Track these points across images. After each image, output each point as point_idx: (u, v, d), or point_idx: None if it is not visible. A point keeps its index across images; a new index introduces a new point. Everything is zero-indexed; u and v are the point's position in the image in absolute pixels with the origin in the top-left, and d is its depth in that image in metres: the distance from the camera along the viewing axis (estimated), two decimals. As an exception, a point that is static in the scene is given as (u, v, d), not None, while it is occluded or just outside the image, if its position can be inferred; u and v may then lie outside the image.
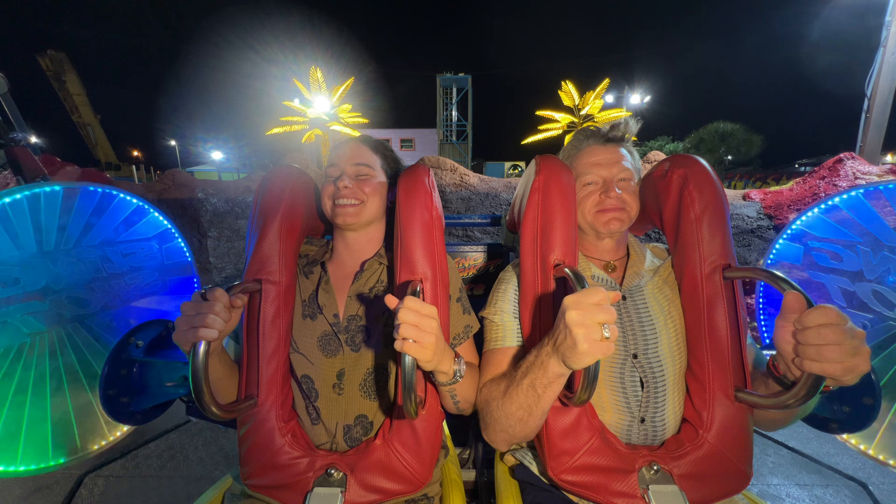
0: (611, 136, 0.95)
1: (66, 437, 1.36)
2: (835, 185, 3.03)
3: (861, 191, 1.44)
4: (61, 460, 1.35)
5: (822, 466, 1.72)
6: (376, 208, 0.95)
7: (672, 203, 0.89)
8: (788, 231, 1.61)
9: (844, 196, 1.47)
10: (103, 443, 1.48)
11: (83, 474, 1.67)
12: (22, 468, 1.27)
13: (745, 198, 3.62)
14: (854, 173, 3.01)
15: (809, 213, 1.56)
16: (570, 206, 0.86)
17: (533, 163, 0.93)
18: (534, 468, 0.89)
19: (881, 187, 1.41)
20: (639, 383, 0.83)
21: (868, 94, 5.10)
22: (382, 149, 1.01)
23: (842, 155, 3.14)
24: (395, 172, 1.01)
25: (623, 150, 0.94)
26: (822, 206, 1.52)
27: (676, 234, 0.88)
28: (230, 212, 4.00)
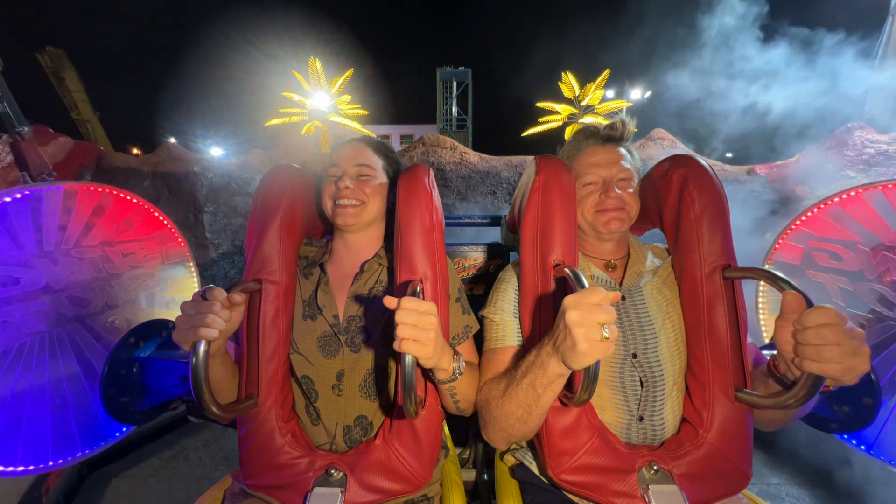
0: (610, 136, 0.95)
1: (66, 437, 1.36)
2: (843, 155, 2.93)
3: (861, 190, 1.44)
4: (61, 460, 1.35)
5: (821, 466, 1.73)
6: (377, 209, 0.95)
7: (672, 203, 0.89)
8: (788, 230, 1.61)
9: (844, 196, 1.47)
10: (103, 443, 1.48)
11: (83, 474, 1.67)
12: (22, 468, 1.28)
13: (749, 172, 3.57)
14: (863, 142, 2.91)
15: (809, 213, 1.56)
16: (570, 206, 0.86)
17: (533, 163, 0.93)
18: (534, 468, 0.89)
19: (881, 187, 1.41)
20: (638, 383, 0.83)
21: (877, 62, 5.02)
22: (384, 150, 1.01)
23: (850, 124, 3.01)
24: (397, 174, 1.01)
25: (622, 150, 0.94)
26: (823, 205, 1.52)
27: (676, 234, 0.88)
28: (226, 187, 3.94)
